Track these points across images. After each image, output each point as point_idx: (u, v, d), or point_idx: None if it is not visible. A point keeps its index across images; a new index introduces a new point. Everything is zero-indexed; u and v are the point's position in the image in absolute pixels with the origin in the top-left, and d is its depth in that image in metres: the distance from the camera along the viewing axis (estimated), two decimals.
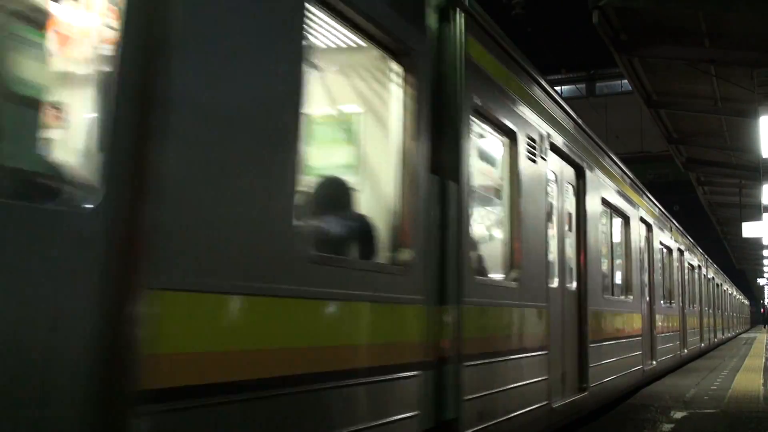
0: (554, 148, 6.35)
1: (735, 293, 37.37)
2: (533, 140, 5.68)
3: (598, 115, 27.99)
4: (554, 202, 6.50)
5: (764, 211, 17.30)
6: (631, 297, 9.81)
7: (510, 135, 5.26)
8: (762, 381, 11.48)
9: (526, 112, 5.61)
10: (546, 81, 6.32)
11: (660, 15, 9.43)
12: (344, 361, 3.06)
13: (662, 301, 12.54)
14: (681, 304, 15.30)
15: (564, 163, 6.83)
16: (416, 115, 3.70)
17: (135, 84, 2.08)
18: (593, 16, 9.00)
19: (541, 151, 5.87)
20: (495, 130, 5.12)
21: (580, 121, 7.45)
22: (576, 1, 12.31)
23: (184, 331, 2.20)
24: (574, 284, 6.98)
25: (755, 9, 8.34)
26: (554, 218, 6.47)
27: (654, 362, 11.29)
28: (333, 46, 3.81)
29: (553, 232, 6.37)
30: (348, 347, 3.13)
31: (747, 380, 11.61)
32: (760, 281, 57.37)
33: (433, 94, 3.90)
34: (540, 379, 5.56)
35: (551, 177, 6.34)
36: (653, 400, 9.04)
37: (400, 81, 3.71)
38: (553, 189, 6.44)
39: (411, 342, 3.62)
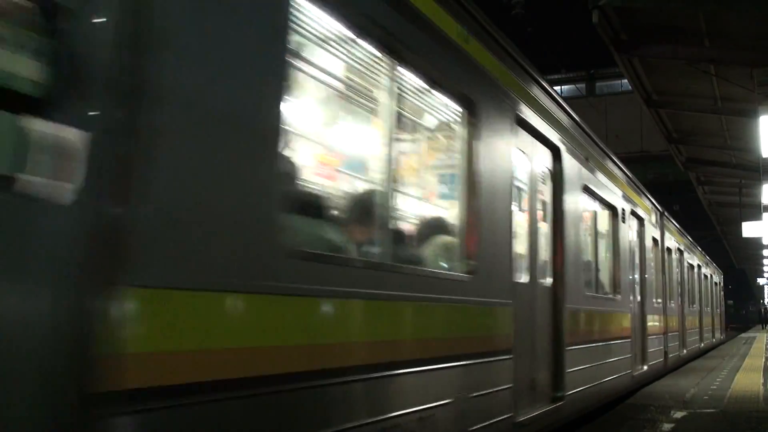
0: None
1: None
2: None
3: (598, 115, 27.98)
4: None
5: (764, 211, 17.30)
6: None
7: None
8: (762, 381, 11.46)
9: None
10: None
11: (660, 15, 9.44)
12: None
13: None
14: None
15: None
16: None
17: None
18: (593, 16, 9.01)
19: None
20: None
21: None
22: (576, 1, 12.33)
23: None
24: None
25: (755, 8, 8.34)
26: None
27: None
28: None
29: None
30: None
31: (747, 380, 11.59)
32: (760, 281, 57.41)
33: None
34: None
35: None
36: (653, 400, 9.03)
37: None
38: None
39: None
